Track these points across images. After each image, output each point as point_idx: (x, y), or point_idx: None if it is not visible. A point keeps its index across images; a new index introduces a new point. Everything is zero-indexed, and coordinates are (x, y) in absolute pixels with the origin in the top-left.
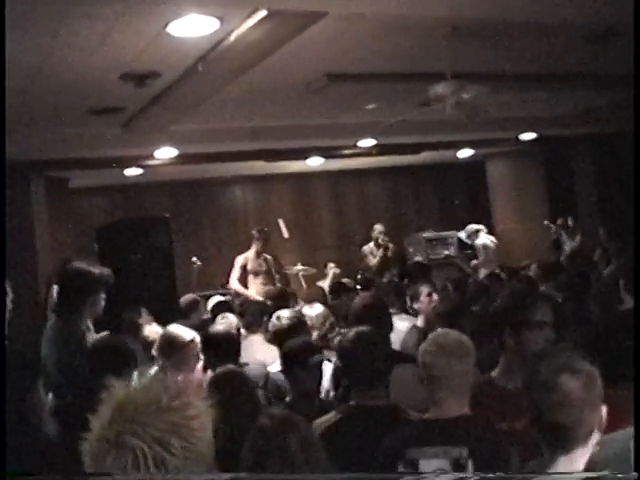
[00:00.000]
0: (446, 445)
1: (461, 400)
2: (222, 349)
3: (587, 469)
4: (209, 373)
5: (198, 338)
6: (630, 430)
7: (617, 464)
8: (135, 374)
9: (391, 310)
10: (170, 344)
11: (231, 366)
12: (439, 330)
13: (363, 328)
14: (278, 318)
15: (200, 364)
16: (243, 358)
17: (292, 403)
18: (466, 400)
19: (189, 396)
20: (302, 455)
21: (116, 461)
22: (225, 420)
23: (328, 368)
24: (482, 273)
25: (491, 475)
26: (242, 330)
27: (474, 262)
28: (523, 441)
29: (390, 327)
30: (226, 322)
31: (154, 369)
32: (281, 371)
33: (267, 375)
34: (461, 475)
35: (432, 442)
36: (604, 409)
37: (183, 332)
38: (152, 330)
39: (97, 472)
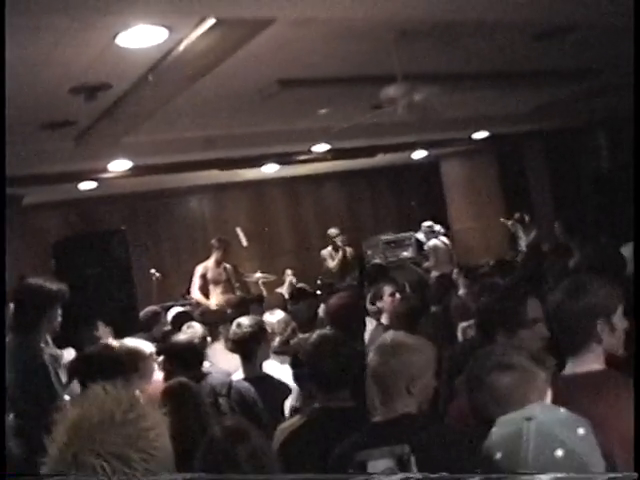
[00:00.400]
0: (391, 445)
1: (406, 399)
2: (184, 358)
3: (484, 456)
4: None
5: (154, 350)
6: (527, 409)
7: (509, 446)
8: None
9: None
10: (127, 357)
11: (182, 379)
12: (389, 332)
13: (325, 331)
14: (238, 325)
15: (159, 375)
16: (208, 366)
17: None
18: (414, 399)
19: (143, 408)
20: (252, 464)
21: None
22: (175, 432)
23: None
24: (435, 274)
25: (436, 475)
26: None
27: (425, 264)
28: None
29: (364, 326)
30: (191, 331)
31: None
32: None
33: (230, 383)
34: (409, 475)
35: (379, 443)
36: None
37: (140, 345)
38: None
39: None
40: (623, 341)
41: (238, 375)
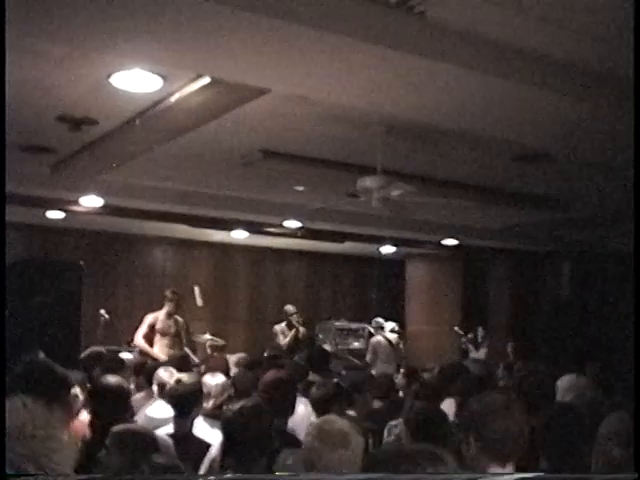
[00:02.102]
0: None
1: None
2: (111, 402)
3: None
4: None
5: (81, 394)
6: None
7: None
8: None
9: None
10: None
11: (134, 425)
12: (326, 417)
13: (250, 401)
14: (178, 382)
15: (84, 415)
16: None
17: None
18: None
19: (55, 429)
20: None
21: None
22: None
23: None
24: (377, 370)
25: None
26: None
27: (367, 359)
28: None
29: (292, 407)
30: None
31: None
32: None
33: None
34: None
35: None
36: None
37: (66, 375)
38: None
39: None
40: None
41: (167, 429)
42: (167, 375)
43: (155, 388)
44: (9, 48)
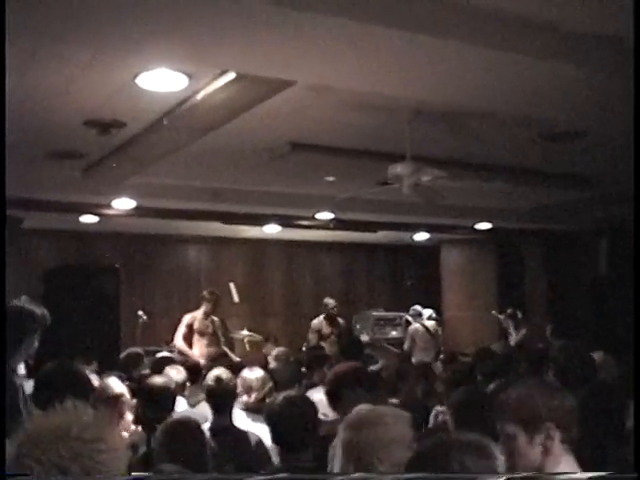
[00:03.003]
0: None
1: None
2: (156, 401)
3: None
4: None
5: (127, 394)
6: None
7: None
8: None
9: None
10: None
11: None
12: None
13: (292, 393)
14: (215, 380)
15: (129, 417)
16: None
17: None
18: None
19: (103, 431)
20: None
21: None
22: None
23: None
24: (416, 357)
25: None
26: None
27: (404, 347)
28: None
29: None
30: (167, 376)
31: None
32: None
33: None
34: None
35: None
36: None
37: (112, 383)
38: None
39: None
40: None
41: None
42: (174, 372)
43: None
44: (38, 55)
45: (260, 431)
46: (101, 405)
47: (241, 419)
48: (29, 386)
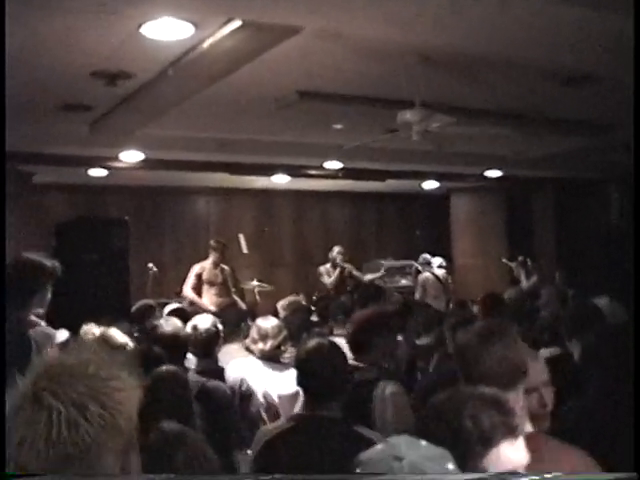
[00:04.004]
0: None
1: None
2: (166, 350)
3: None
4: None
5: (131, 344)
6: (390, 445)
7: None
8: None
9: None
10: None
11: (171, 366)
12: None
13: (323, 340)
14: (194, 328)
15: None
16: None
17: None
18: None
19: (119, 370)
20: (188, 470)
21: (29, 417)
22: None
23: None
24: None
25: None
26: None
27: (415, 295)
28: None
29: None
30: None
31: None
32: None
33: (202, 385)
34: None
35: None
36: None
37: (117, 335)
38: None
39: (99, 472)
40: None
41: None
42: (163, 322)
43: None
44: (43, 8)
45: (277, 379)
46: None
47: (257, 367)
48: (49, 338)
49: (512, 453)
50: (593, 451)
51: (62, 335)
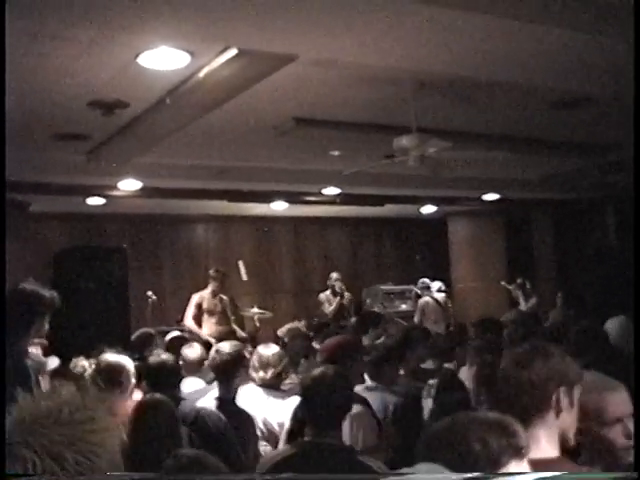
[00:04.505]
0: None
1: None
2: (157, 379)
3: None
4: None
5: (132, 366)
6: (415, 468)
7: None
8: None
9: None
10: (104, 369)
11: (157, 395)
12: None
13: (329, 368)
14: (217, 351)
15: (138, 394)
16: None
17: None
18: None
19: (95, 411)
20: None
21: (6, 470)
22: (140, 445)
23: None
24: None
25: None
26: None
27: (415, 320)
28: None
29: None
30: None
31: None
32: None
33: (198, 412)
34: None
35: None
36: None
37: (121, 360)
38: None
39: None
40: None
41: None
42: (190, 351)
43: (181, 364)
44: (39, 37)
45: (277, 407)
46: (112, 386)
47: (258, 395)
48: (41, 367)
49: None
50: None
51: (53, 363)
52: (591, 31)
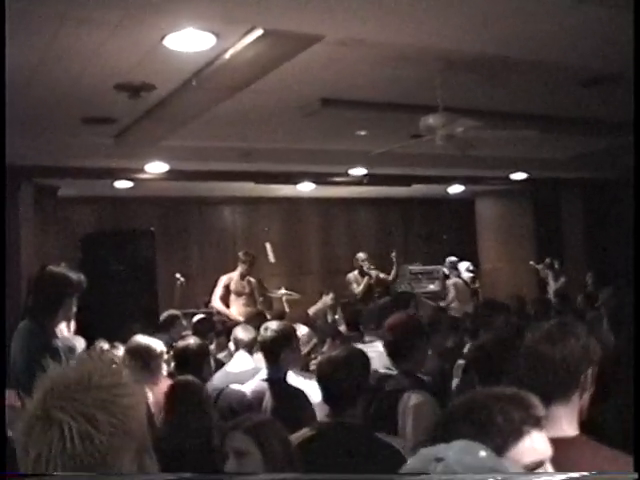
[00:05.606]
0: None
1: None
2: (188, 362)
3: None
4: None
5: (164, 350)
6: (443, 447)
7: None
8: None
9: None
10: (137, 351)
11: (189, 377)
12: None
13: (351, 347)
14: (266, 329)
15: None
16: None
17: None
18: None
19: (122, 377)
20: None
21: (42, 435)
22: (175, 425)
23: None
24: (453, 311)
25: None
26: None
27: (447, 300)
28: None
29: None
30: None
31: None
32: None
33: (221, 390)
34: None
35: None
36: None
37: (151, 343)
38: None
39: (101, 472)
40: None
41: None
42: (243, 332)
43: (232, 345)
44: (68, 20)
45: (306, 387)
46: (141, 368)
47: (288, 375)
48: (72, 349)
49: (539, 444)
50: None
51: (81, 344)
52: (617, 6)
